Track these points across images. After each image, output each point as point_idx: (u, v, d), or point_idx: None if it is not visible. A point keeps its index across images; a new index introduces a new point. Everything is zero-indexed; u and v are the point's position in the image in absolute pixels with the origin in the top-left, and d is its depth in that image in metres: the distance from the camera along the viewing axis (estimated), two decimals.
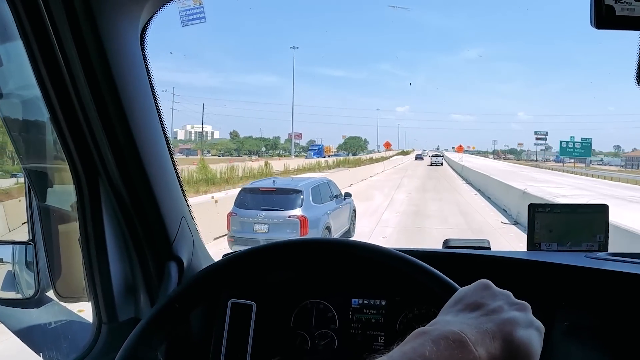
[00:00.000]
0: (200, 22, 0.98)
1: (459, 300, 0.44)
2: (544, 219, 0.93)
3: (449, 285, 0.61)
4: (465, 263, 0.87)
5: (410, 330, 0.85)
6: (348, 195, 7.92)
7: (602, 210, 0.92)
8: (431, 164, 41.71)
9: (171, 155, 0.91)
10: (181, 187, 0.92)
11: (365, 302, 0.88)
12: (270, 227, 5.98)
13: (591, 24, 0.81)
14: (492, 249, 0.94)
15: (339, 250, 0.73)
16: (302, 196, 6.14)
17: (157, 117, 0.89)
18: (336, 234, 6.85)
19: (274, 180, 7.05)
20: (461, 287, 0.54)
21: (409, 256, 0.65)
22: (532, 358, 0.38)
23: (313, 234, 6.02)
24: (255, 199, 6.24)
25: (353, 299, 0.89)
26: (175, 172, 0.91)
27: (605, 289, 0.83)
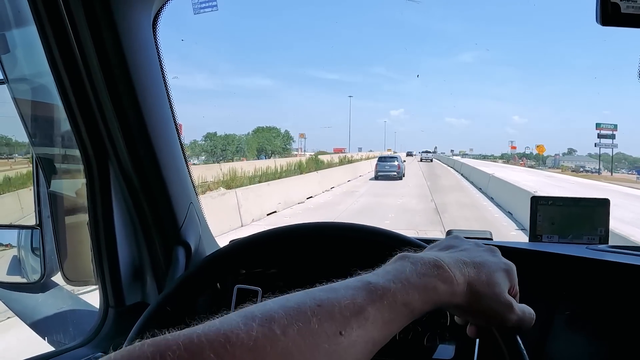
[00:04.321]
0: (212, 10, 0.98)
1: (433, 246, 0.50)
2: (546, 212, 0.94)
3: (418, 244, 0.65)
4: None
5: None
6: (403, 161, 24.33)
7: (603, 204, 0.94)
8: (421, 160, 49.19)
9: (180, 141, 0.92)
10: (189, 173, 0.94)
11: None
12: (389, 167, 21.73)
13: (597, 21, 0.83)
14: (494, 240, 0.95)
15: (321, 234, 0.78)
16: (398, 158, 23.18)
17: (168, 103, 0.90)
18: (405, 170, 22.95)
19: (389, 153, 35.76)
20: None
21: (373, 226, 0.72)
22: (500, 288, 0.42)
23: (400, 172, 21.68)
24: (383, 159, 23.36)
25: None
26: (184, 158, 0.92)
27: (606, 279, 0.84)
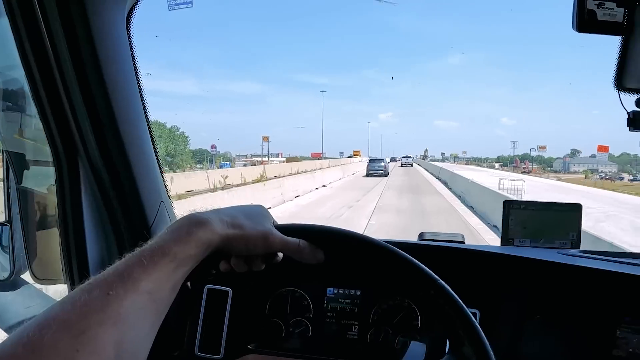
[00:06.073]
0: (187, 7, 0.97)
1: None
2: (518, 216, 0.94)
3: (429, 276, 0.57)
4: (440, 255, 0.88)
5: (384, 320, 0.87)
6: (389, 162, 38.78)
7: (576, 209, 0.94)
8: (401, 165, 51.24)
9: (152, 139, 0.91)
10: (161, 171, 0.92)
11: (341, 291, 0.89)
12: (377, 167, 29.72)
13: (573, 28, 0.83)
14: (465, 243, 0.95)
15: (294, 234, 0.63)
16: (384, 160, 32.98)
17: (140, 100, 0.89)
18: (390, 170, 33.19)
19: (376, 157, 43.98)
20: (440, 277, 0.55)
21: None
22: (259, 218, 0.53)
23: (386, 171, 30.40)
24: (373, 160, 31.92)
25: (328, 288, 0.89)
26: (156, 156, 0.91)
27: (577, 284, 0.85)
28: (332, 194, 17.08)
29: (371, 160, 31.88)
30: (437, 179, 27.59)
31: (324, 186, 20.71)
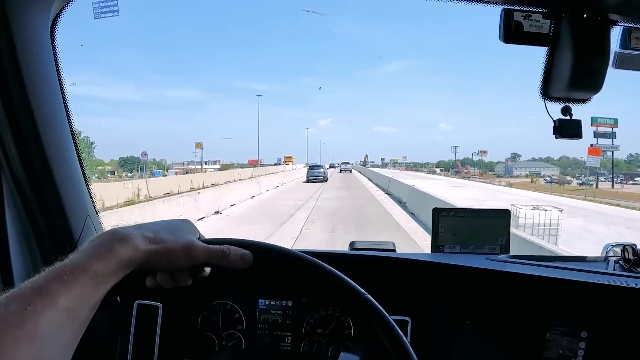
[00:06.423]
0: (113, 15, 0.95)
1: None
2: (448, 223, 0.96)
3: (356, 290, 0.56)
4: (371, 265, 0.89)
5: (317, 330, 0.87)
6: (328, 168, 47.34)
7: (504, 215, 0.97)
8: (340, 171, 51.81)
9: (77, 152, 0.88)
10: (87, 185, 0.90)
11: (272, 303, 0.89)
12: (317, 173, 31.45)
13: (500, 39, 0.86)
14: (397, 251, 0.97)
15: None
16: (323, 166, 36.10)
17: (64, 112, 0.86)
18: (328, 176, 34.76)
19: (315, 163, 48.32)
20: (367, 289, 0.55)
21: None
22: (181, 231, 0.52)
23: (325, 176, 32.02)
24: (312, 167, 34.51)
25: (260, 300, 0.89)
26: (82, 169, 0.89)
27: (505, 289, 0.87)
28: (218, 234, 3.64)
29: (311, 167, 34.83)
30: (387, 194, 19.20)
31: (217, 213, 12.84)
